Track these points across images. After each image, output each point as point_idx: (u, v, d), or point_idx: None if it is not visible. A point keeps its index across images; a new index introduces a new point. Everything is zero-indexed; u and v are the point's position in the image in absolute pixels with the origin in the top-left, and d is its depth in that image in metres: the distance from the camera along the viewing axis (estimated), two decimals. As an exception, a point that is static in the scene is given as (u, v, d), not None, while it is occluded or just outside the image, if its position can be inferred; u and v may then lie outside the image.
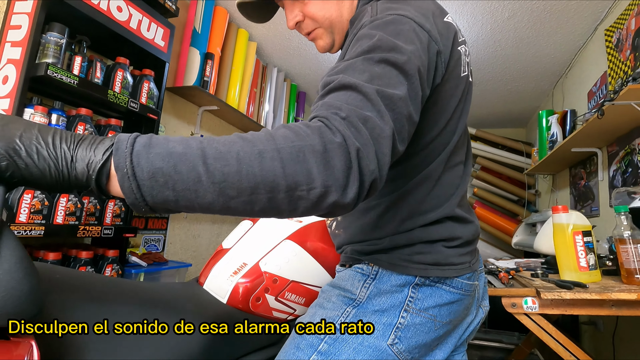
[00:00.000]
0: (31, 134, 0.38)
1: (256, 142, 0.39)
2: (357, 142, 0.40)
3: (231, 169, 0.38)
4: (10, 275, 0.35)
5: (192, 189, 0.38)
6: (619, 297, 0.95)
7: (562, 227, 1.12)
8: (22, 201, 1.28)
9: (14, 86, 1.32)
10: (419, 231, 0.61)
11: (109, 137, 0.41)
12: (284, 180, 0.38)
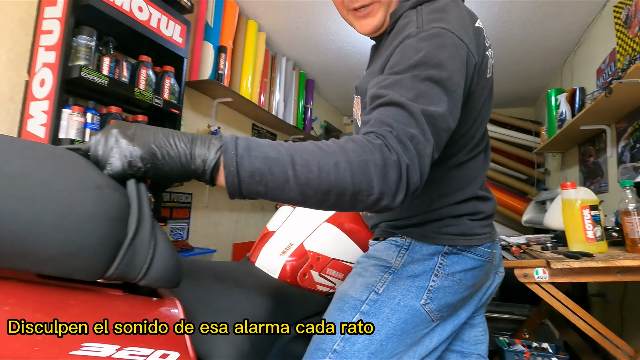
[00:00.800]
0: (159, 138, 0.47)
1: (332, 154, 0.48)
2: (407, 158, 0.48)
3: (313, 175, 0.47)
4: (168, 251, 0.45)
5: (280, 187, 0.47)
6: (624, 264, 1.03)
7: (571, 202, 1.20)
8: (67, 195, 1.39)
9: (52, 88, 1.41)
10: (447, 209, 0.70)
11: (217, 137, 0.49)
12: (351, 187, 0.47)
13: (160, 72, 1.81)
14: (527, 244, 1.48)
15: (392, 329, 0.69)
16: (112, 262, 0.41)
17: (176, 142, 0.47)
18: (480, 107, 0.70)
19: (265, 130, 3.45)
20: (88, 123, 1.46)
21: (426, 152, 0.51)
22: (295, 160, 0.47)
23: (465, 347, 0.82)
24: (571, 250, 1.19)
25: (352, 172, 0.46)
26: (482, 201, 0.73)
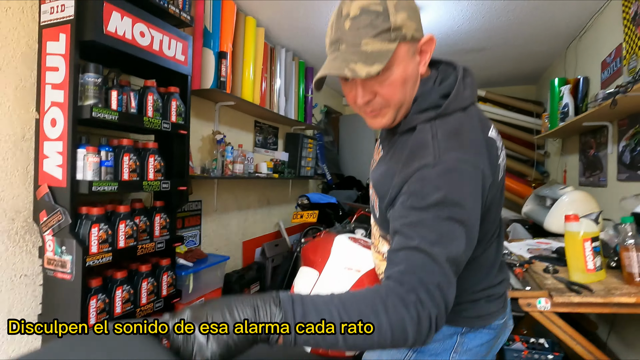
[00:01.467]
0: (233, 338, 0.49)
1: (376, 313, 0.52)
2: (436, 308, 0.54)
3: (359, 340, 0.52)
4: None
5: (330, 346, 0.52)
6: (620, 300, 1.12)
7: (573, 235, 1.27)
8: (91, 234, 1.44)
9: (64, 129, 1.42)
10: (466, 296, 0.76)
11: (265, 304, 0.52)
12: (390, 343, 0.53)
13: (166, 94, 1.80)
14: (529, 261, 1.56)
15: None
16: None
17: (247, 336, 0.50)
18: (495, 208, 0.74)
19: (267, 125, 3.44)
20: (103, 161, 1.48)
21: (450, 295, 0.57)
22: (346, 337, 0.52)
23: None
24: (572, 279, 1.28)
25: (392, 332, 0.52)
26: (498, 285, 0.80)
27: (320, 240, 1.14)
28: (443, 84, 0.72)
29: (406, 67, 0.68)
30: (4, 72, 1.44)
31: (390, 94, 0.69)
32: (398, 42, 0.66)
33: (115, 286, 1.56)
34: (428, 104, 0.71)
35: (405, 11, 0.67)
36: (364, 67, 0.63)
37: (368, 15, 0.65)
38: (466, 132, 0.67)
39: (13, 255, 1.48)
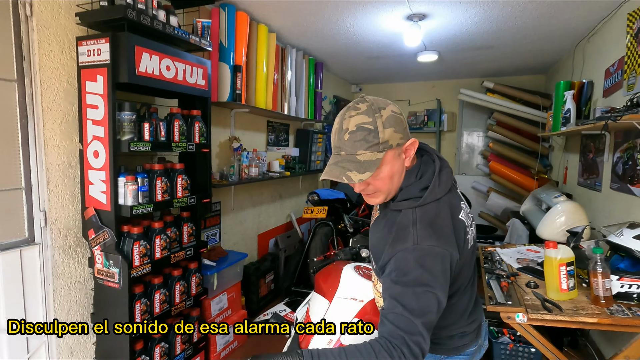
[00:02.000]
0: None
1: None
2: (416, 359, 0.74)
3: None
4: None
5: None
6: (585, 320, 1.32)
7: (551, 260, 1.45)
8: (134, 251, 1.68)
9: (106, 161, 1.62)
10: (443, 334, 0.97)
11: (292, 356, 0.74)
12: None
13: (189, 117, 1.97)
14: (515, 274, 1.76)
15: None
16: None
17: None
18: (465, 270, 0.93)
19: (278, 123, 3.59)
20: (140, 187, 1.69)
21: (426, 348, 0.77)
22: None
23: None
24: (548, 296, 1.48)
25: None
26: (470, 325, 1.00)
27: (331, 268, 1.35)
28: (422, 178, 0.91)
29: (392, 166, 0.88)
30: (50, 109, 1.63)
31: (380, 185, 0.89)
32: (385, 151, 0.84)
33: (154, 290, 1.82)
34: (410, 194, 0.90)
35: (391, 127, 0.85)
36: (357, 175, 0.82)
37: (362, 131, 0.83)
38: (439, 221, 0.86)
39: (68, 265, 1.74)
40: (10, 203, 1.57)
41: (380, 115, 0.83)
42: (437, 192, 0.88)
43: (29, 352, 1.64)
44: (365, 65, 4.24)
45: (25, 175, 1.60)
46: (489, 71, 4.55)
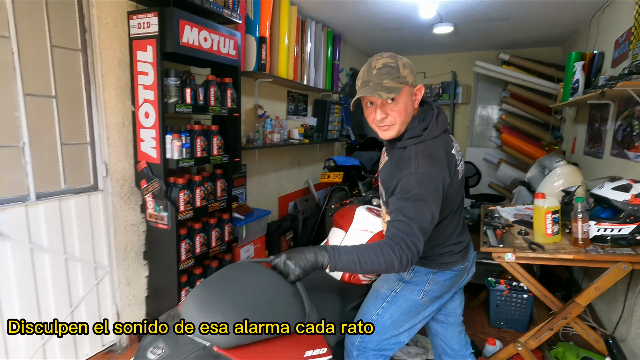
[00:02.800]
0: (303, 262, 0.97)
1: (377, 256, 0.97)
2: (410, 254, 0.98)
3: (367, 267, 0.99)
4: (315, 310, 0.99)
5: (351, 269, 1.00)
6: (562, 256, 1.55)
7: (539, 208, 1.67)
8: (180, 198, 1.98)
9: (156, 120, 1.89)
10: (435, 251, 1.22)
11: (320, 251, 1.01)
12: (385, 270, 1.00)
13: (222, 84, 2.21)
14: (510, 225, 1.99)
15: (405, 310, 1.28)
16: (304, 319, 0.98)
17: (310, 260, 0.99)
18: (453, 197, 1.17)
19: (298, 93, 3.80)
20: (184, 144, 1.96)
21: (420, 247, 1.01)
22: (360, 261, 0.99)
23: (447, 312, 1.43)
24: (535, 240, 1.71)
25: (386, 265, 0.99)
26: (457, 244, 1.25)
27: (347, 209, 1.61)
28: (423, 122, 1.15)
29: (407, 101, 1.13)
30: (108, 75, 1.90)
31: (397, 115, 1.14)
32: (403, 85, 1.10)
33: (195, 234, 2.13)
34: (413, 134, 1.14)
35: (408, 69, 1.12)
36: (385, 94, 1.08)
37: (387, 68, 1.11)
38: (436, 154, 1.10)
39: (124, 210, 2.06)
40: (79, 155, 1.87)
41: (400, 59, 1.12)
42: (434, 131, 1.13)
43: (97, 279, 2.00)
44: (381, 38, 4.35)
45: (90, 132, 1.90)
46: (505, 43, 4.58)
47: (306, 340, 1.00)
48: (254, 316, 0.83)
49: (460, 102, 5.27)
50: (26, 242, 1.66)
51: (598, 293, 1.58)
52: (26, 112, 1.62)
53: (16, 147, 1.61)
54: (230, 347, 0.79)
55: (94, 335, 2.00)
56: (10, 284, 1.62)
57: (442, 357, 1.51)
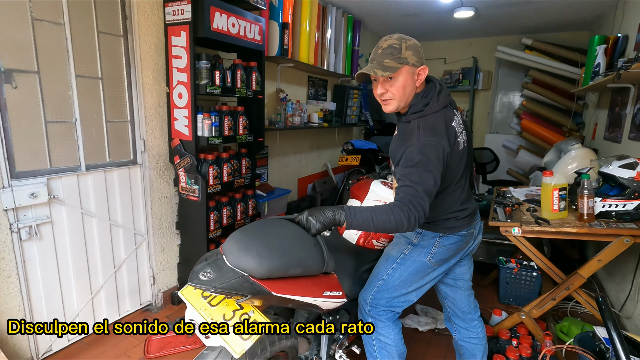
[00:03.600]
0: (322, 217, 1.12)
1: (389, 215, 1.10)
2: (417, 213, 1.11)
3: (379, 225, 1.12)
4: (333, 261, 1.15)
5: (365, 227, 1.14)
6: (567, 230, 1.64)
7: (547, 185, 1.75)
8: (209, 173, 2.16)
9: (188, 101, 2.07)
10: (441, 216, 1.34)
11: (341, 209, 1.15)
12: (395, 229, 1.13)
13: (247, 68, 2.36)
14: (520, 203, 2.08)
15: (413, 270, 1.42)
16: (323, 267, 1.13)
17: (329, 217, 1.14)
18: (455, 166, 1.28)
19: (318, 78, 3.91)
20: (213, 123, 2.14)
21: (426, 208, 1.14)
22: (373, 219, 1.13)
23: (455, 276, 1.56)
24: (542, 215, 1.79)
25: (396, 224, 1.12)
26: (462, 211, 1.36)
27: (363, 182, 1.74)
28: (425, 98, 1.26)
29: (406, 79, 1.25)
30: (145, 59, 2.08)
31: (395, 92, 1.26)
32: (403, 65, 1.22)
33: (222, 206, 2.32)
34: (416, 109, 1.26)
35: (411, 51, 1.24)
36: (381, 72, 1.21)
37: (390, 48, 1.23)
38: (436, 126, 1.22)
39: (159, 183, 2.27)
40: (121, 132, 2.07)
41: (405, 41, 1.23)
42: (435, 106, 1.24)
43: (136, 244, 2.22)
44: (401, 23, 4.37)
45: (130, 111, 2.09)
46: (527, 28, 4.51)
47: (325, 282, 1.16)
48: (280, 256, 0.99)
49: (480, 88, 5.24)
50: (78, 207, 1.88)
51: (600, 265, 1.67)
52: (77, 92, 1.82)
53: (69, 123, 1.82)
54: (262, 278, 0.95)
55: (134, 293, 2.24)
56: (65, 243, 1.85)
57: (452, 318, 1.64)
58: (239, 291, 0.91)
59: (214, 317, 0.94)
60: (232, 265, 0.94)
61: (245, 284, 0.92)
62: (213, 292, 0.88)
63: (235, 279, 0.91)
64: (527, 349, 1.72)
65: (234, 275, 0.92)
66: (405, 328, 2.24)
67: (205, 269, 0.92)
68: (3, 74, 1.56)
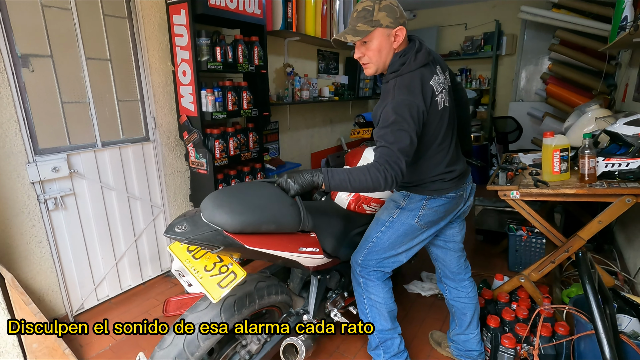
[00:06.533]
0: (301, 179, 1.18)
1: (365, 175, 1.13)
2: (393, 172, 1.13)
3: (356, 185, 1.16)
4: (310, 219, 1.21)
5: (343, 187, 1.18)
6: (565, 191, 1.59)
7: (548, 147, 1.69)
8: (215, 147, 2.27)
9: (192, 78, 2.16)
10: (427, 178, 1.35)
11: (319, 171, 1.20)
12: (372, 188, 1.16)
13: (249, 43, 2.41)
14: (523, 168, 2.02)
15: (402, 233, 1.45)
16: (299, 225, 1.20)
17: (307, 179, 1.19)
18: (435, 125, 1.28)
19: (328, 52, 3.88)
20: (217, 98, 2.22)
21: (402, 167, 1.16)
22: (350, 180, 1.17)
23: (446, 238, 1.58)
24: (543, 178, 1.75)
25: (373, 183, 1.15)
26: (448, 173, 1.36)
27: (357, 149, 1.77)
28: (403, 57, 1.25)
29: (381, 42, 1.25)
30: (150, 39, 2.18)
31: (371, 55, 1.28)
32: (375, 27, 1.22)
33: (230, 179, 2.44)
34: (394, 69, 1.26)
35: (384, 12, 1.22)
36: (351, 37, 1.23)
37: (364, 11, 1.23)
38: (411, 85, 1.21)
39: (171, 159, 2.41)
40: (132, 110, 2.21)
41: (379, 2, 1.21)
42: (412, 65, 1.23)
43: (153, 215, 2.40)
44: (415, -12, 4.20)
45: (139, 90, 2.22)
46: (556, -17, 4.18)
47: (302, 239, 1.24)
48: (254, 212, 1.07)
49: (504, 53, 4.97)
50: (97, 181, 2.06)
51: (600, 227, 1.62)
52: (89, 73, 1.96)
53: (84, 103, 1.97)
54: (235, 232, 1.03)
55: (155, 260, 2.44)
56: (88, 213, 2.04)
57: (443, 279, 1.68)
58: (212, 243, 0.99)
59: (197, 268, 1.04)
60: (207, 220, 1.03)
61: (218, 236, 1.01)
62: (187, 243, 0.97)
63: (208, 232, 1.00)
64: (524, 310, 1.72)
65: (208, 229, 1.01)
66: (409, 293, 2.30)
67: (182, 223, 1.01)
68: (20, 59, 1.71)
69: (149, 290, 2.35)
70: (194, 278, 1.02)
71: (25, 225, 1.80)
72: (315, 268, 1.40)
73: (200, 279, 1.01)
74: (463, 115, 1.57)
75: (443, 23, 5.30)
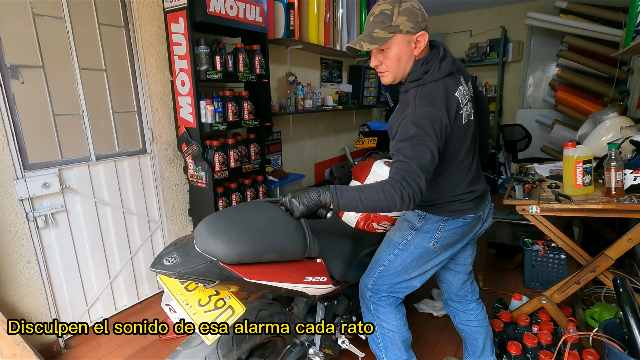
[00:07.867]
0: (307, 200, 1.07)
1: (379, 193, 1.02)
2: (412, 190, 1.01)
3: (369, 205, 1.04)
4: (317, 244, 1.09)
5: (354, 207, 1.07)
6: (590, 207, 1.47)
7: (569, 158, 1.58)
8: (215, 159, 2.17)
9: (190, 88, 2.07)
10: (446, 198, 1.22)
11: (327, 189, 1.09)
12: (387, 208, 1.04)
13: (250, 51, 2.32)
14: (542, 180, 1.90)
15: (416, 256, 1.33)
16: (305, 252, 1.08)
17: (314, 199, 1.08)
18: (458, 140, 1.16)
19: (332, 60, 3.80)
20: (216, 109, 2.13)
21: (422, 184, 1.04)
22: (361, 199, 1.05)
23: (457, 261, 1.46)
24: (565, 192, 1.63)
25: (387, 202, 1.03)
26: (468, 194, 1.24)
27: (365, 162, 1.66)
28: (426, 65, 1.14)
29: (401, 49, 1.13)
30: (148, 49, 2.10)
31: (389, 64, 1.17)
32: (394, 34, 1.10)
33: (231, 192, 2.33)
34: (414, 77, 1.15)
35: (405, 16, 1.10)
36: (367, 45, 1.12)
37: (382, 15, 1.11)
38: (434, 96, 1.10)
39: (169, 172, 2.31)
40: (129, 122, 2.12)
41: (399, 5, 1.09)
42: (435, 74, 1.12)
43: (150, 231, 2.29)
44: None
45: (136, 101, 2.13)
46: (564, -11, 4.10)
47: (307, 267, 1.11)
48: (253, 240, 0.95)
49: (510, 60, 4.87)
50: (91, 196, 1.96)
51: (630, 245, 1.49)
52: (83, 84, 1.87)
53: (77, 115, 1.88)
54: (232, 264, 0.92)
55: (152, 278, 2.33)
56: (81, 230, 1.94)
57: (449, 302, 1.55)
58: (206, 277, 0.88)
59: (190, 302, 0.92)
60: (200, 250, 0.92)
61: (213, 269, 0.89)
62: (177, 277, 0.86)
63: (202, 264, 0.89)
64: (547, 335, 1.59)
65: (202, 260, 0.90)
66: (420, 313, 2.16)
67: (171, 253, 0.90)
68: (9, 70, 1.63)
69: (145, 310, 2.23)
70: (186, 314, 0.90)
71: (13, 245, 1.69)
72: (318, 296, 1.28)
73: (194, 316, 0.90)
74: (482, 125, 1.46)
75: (448, 30, 5.23)
